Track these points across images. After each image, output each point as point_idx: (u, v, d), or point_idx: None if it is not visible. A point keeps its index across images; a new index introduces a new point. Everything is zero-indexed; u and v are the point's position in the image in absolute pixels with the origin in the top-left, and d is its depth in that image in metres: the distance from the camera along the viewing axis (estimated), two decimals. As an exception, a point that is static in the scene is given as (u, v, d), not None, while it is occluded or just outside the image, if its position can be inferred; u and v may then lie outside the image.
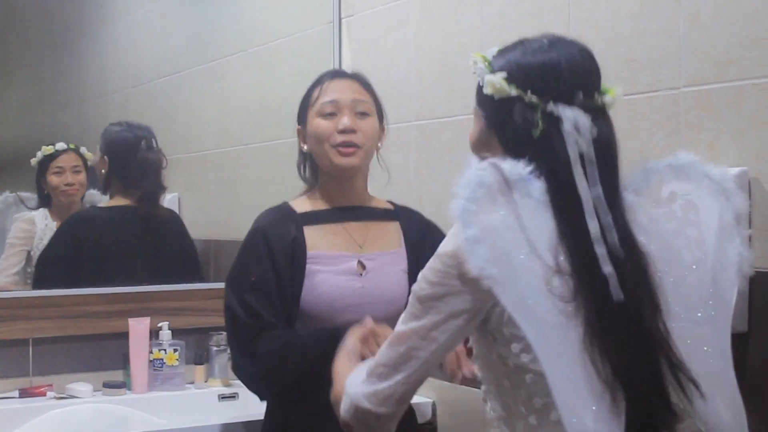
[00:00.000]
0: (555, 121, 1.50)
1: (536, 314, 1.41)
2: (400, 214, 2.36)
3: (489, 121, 1.58)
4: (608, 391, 1.42)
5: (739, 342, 1.86)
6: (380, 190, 2.42)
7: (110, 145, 3.09)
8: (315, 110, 2.25)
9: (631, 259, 1.47)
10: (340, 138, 2.22)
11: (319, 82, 2.30)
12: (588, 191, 1.46)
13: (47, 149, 3.07)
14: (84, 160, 3.10)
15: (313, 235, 2.24)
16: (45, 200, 3.08)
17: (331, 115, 2.24)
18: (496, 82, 1.54)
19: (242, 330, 2.19)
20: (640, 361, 1.45)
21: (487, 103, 1.58)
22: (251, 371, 2.19)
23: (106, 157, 3.08)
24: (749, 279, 1.83)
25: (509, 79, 1.53)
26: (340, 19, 3.18)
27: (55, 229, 3.04)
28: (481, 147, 1.61)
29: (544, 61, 1.53)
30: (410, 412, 2.30)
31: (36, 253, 3.02)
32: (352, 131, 2.23)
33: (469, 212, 1.42)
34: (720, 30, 1.95)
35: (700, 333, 1.51)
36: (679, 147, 2.00)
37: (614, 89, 1.57)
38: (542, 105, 1.51)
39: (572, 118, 1.49)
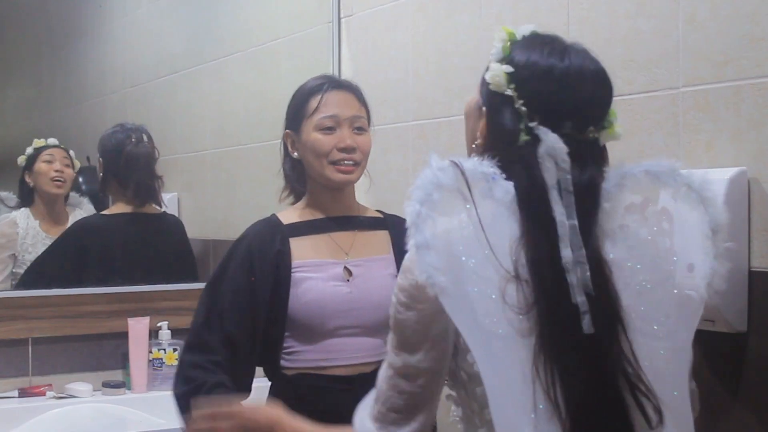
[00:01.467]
0: (535, 140, 1.44)
1: (484, 326, 1.36)
2: (389, 222, 2.35)
3: (483, 100, 1.53)
4: (555, 412, 1.35)
5: (738, 342, 1.87)
6: (362, 196, 2.41)
7: (104, 146, 3.11)
8: (312, 123, 2.23)
9: (602, 296, 1.39)
10: (339, 155, 2.22)
11: (315, 92, 2.26)
12: (564, 218, 1.39)
13: (39, 142, 3.06)
14: (72, 160, 3.10)
15: (298, 245, 2.23)
16: (27, 197, 3.06)
17: (329, 129, 2.23)
18: (498, 75, 1.48)
19: (191, 336, 2.22)
20: (597, 386, 1.38)
21: (485, 86, 1.52)
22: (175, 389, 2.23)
23: (101, 158, 3.09)
24: (748, 279, 1.85)
25: (512, 77, 1.48)
26: (339, 19, 3.18)
27: (38, 228, 3.04)
28: (471, 117, 1.56)
29: (550, 77, 1.46)
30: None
31: (22, 255, 3.01)
32: (353, 150, 2.23)
33: (422, 217, 1.37)
34: (718, 30, 1.95)
35: (657, 348, 1.44)
36: (678, 147, 2.01)
37: (615, 127, 1.49)
38: (527, 119, 1.45)
39: (550, 144, 1.42)
